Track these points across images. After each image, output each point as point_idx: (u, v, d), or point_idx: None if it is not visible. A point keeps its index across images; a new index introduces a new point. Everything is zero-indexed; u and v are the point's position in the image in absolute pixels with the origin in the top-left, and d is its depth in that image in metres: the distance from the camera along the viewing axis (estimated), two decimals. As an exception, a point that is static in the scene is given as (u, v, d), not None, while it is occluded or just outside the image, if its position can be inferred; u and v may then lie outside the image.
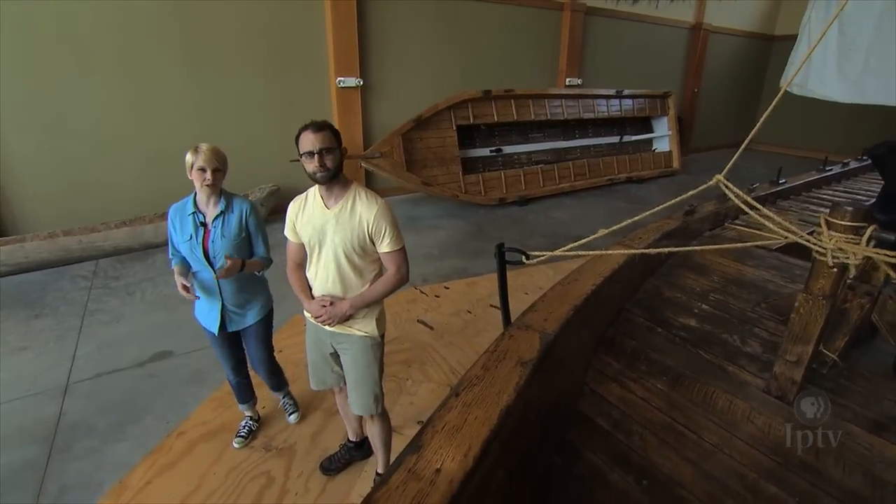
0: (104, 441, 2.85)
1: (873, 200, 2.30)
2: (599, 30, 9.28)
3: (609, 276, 1.89)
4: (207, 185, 2.01)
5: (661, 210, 1.74)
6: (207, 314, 2.25)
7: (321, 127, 1.78)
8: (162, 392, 3.25)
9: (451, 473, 0.96)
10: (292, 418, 2.57)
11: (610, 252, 1.96)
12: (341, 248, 1.82)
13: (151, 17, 5.30)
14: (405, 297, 3.98)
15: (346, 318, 1.89)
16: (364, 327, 1.93)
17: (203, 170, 2.00)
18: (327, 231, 1.83)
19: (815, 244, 1.29)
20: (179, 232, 2.10)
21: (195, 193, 2.10)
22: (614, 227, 1.84)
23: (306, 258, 2.00)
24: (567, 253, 1.77)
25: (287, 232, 2.01)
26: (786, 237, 1.33)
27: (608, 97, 9.27)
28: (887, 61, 3.76)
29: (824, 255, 1.27)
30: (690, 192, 1.62)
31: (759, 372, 1.58)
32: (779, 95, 2.02)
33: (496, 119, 7.77)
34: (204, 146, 2.02)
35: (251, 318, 2.29)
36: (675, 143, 10.08)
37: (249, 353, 2.39)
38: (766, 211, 1.39)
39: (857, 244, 1.23)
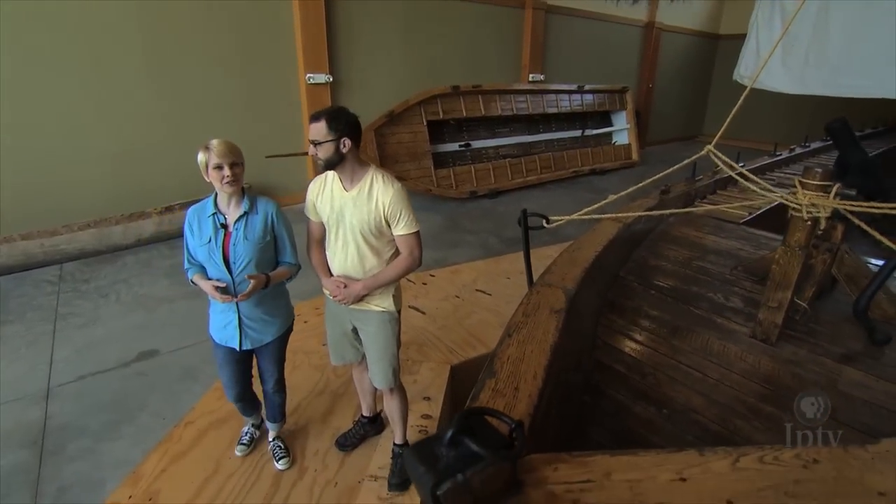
0: (98, 441, 2.81)
1: None
2: (560, 27, 9.60)
3: (606, 245, 2.06)
4: (228, 183, 1.82)
5: (672, 172, 1.92)
6: (223, 328, 2.04)
7: (317, 117, 1.83)
8: (154, 390, 3.22)
9: (528, 390, 1.11)
10: (281, 464, 2.24)
11: (621, 215, 2.14)
12: (359, 230, 1.91)
13: (113, 14, 5.15)
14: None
15: (360, 298, 1.97)
16: (381, 303, 2.02)
17: (220, 167, 1.80)
18: (345, 213, 1.91)
19: (792, 202, 1.48)
20: (197, 235, 1.92)
21: (215, 194, 1.93)
22: (630, 189, 2.01)
23: (325, 236, 2.07)
24: (583, 216, 1.93)
25: (307, 212, 2.07)
26: (770, 198, 1.53)
27: (570, 92, 9.61)
28: (824, 55, 4.15)
29: (800, 211, 1.47)
30: (686, 161, 1.80)
31: (744, 322, 1.79)
32: (745, 92, 2.22)
33: (465, 114, 7.93)
34: (215, 141, 1.82)
35: (270, 334, 2.08)
36: (634, 136, 10.54)
37: (261, 369, 2.20)
38: (751, 176, 1.59)
39: (826, 199, 1.43)
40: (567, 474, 0.84)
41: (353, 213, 1.89)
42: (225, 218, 1.91)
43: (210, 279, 1.92)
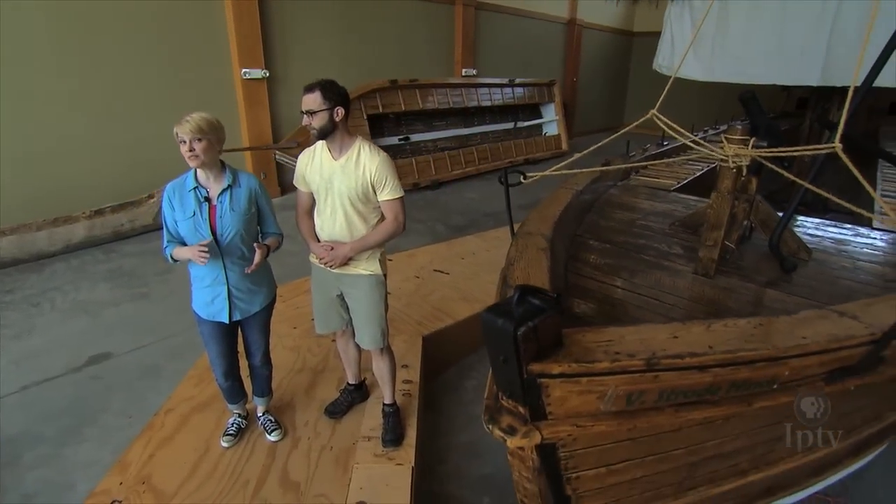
0: (58, 446, 2.70)
1: None
2: (489, 23, 9.96)
3: (565, 207, 2.31)
4: (190, 158, 1.84)
5: (620, 135, 2.20)
6: (211, 303, 2.04)
7: (310, 88, 1.94)
8: (114, 391, 3.11)
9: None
10: (274, 436, 2.29)
11: (586, 170, 2.40)
12: (347, 196, 2.01)
13: (24, 5, 4.78)
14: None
15: (347, 260, 2.07)
16: (369, 267, 2.13)
17: (183, 142, 1.82)
18: (334, 181, 2.01)
19: (720, 154, 1.79)
20: (179, 209, 1.91)
21: (195, 169, 1.94)
22: (592, 148, 2.29)
23: (313, 206, 2.16)
24: (555, 173, 2.16)
25: (297, 182, 2.15)
26: (706, 152, 1.84)
27: (501, 86, 10.00)
28: (727, 47, 4.72)
29: (727, 161, 1.78)
30: (633, 124, 2.09)
31: (686, 263, 2.10)
32: (669, 83, 2.54)
33: (403, 108, 8.06)
34: (191, 115, 1.83)
35: (257, 304, 2.13)
36: (563, 127, 11.14)
37: (248, 342, 2.23)
38: (691, 136, 1.90)
39: (746, 150, 1.75)
40: (593, 338, 1.10)
41: (342, 180, 1.99)
42: (207, 192, 1.94)
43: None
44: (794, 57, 4.26)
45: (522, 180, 2.23)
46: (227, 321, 2.06)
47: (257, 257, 1.93)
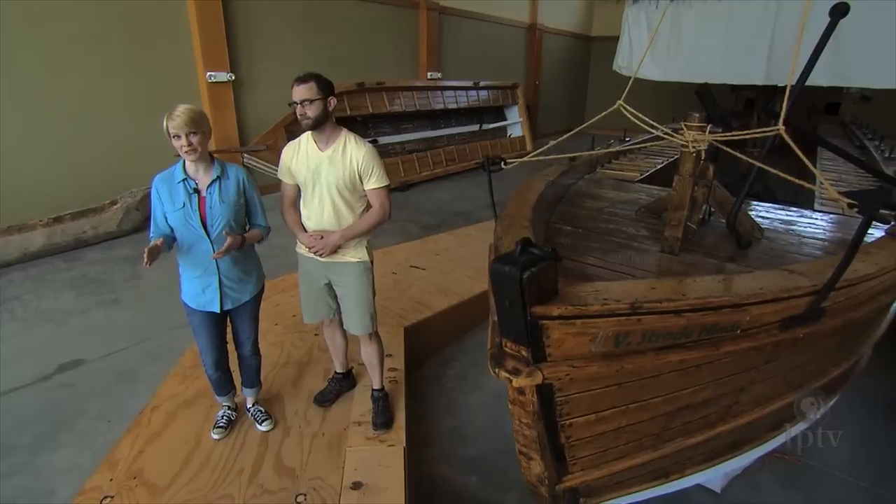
0: (34, 454, 2.63)
1: None
2: (453, 27, 10.12)
3: (539, 195, 2.44)
4: (187, 152, 1.86)
5: (592, 122, 2.36)
6: (202, 293, 2.06)
7: (304, 79, 1.99)
8: (89, 397, 3.05)
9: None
10: (265, 426, 2.32)
11: (562, 156, 2.53)
12: (334, 186, 2.07)
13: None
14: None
15: (336, 248, 2.13)
16: (356, 254, 2.19)
17: (178, 136, 1.83)
18: (321, 171, 2.07)
19: (681, 139, 1.96)
20: (168, 201, 1.93)
21: (183, 161, 1.96)
22: (569, 133, 2.55)
23: (299, 198, 2.20)
24: (532, 158, 2.29)
25: (281, 175, 2.19)
26: (669, 140, 2.00)
27: (466, 88, 10.17)
28: (680, 48, 5.00)
29: (687, 146, 1.95)
30: (602, 114, 2.24)
31: (652, 244, 2.26)
32: (630, 83, 2.72)
33: (370, 110, 8.10)
34: (178, 109, 1.84)
35: (247, 293, 2.15)
36: (527, 129, 11.41)
37: (238, 332, 2.25)
38: (655, 125, 2.06)
39: (703, 135, 1.92)
40: (584, 288, 1.24)
41: (329, 170, 2.06)
42: (196, 183, 1.97)
43: (175, 244, 1.97)
44: (740, 57, 4.56)
45: (504, 166, 2.35)
46: (218, 310, 2.09)
47: (226, 243, 1.91)
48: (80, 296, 4.33)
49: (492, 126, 10.92)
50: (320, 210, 2.11)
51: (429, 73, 9.73)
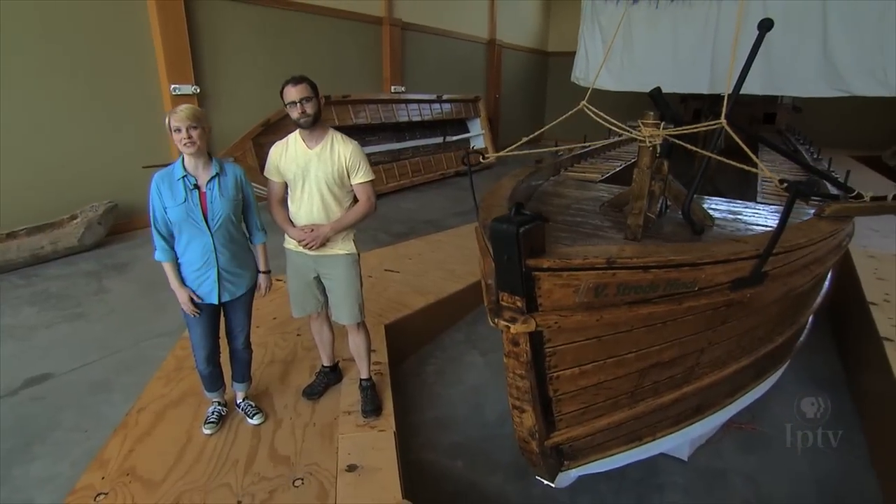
0: (6, 467, 2.56)
1: None
2: (415, 42, 10.36)
3: (511, 191, 2.61)
4: (185, 145, 1.95)
5: (560, 121, 2.55)
6: (202, 285, 2.13)
7: (298, 80, 2.13)
8: (61, 409, 2.98)
9: None
10: (256, 419, 2.37)
11: (533, 151, 2.71)
12: (324, 181, 2.18)
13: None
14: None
15: (326, 241, 2.22)
16: (345, 247, 2.30)
17: (178, 130, 1.94)
18: (310, 168, 2.18)
19: (639, 135, 2.18)
20: (169, 197, 2.01)
21: (182, 159, 2.05)
22: (543, 128, 2.75)
23: (285, 196, 2.30)
24: (509, 153, 2.45)
25: (269, 173, 2.27)
26: (629, 133, 2.22)
27: (430, 101, 10.40)
28: (633, 60, 5.38)
29: (644, 141, 2.17)
30: (567, 114, 2.44)
31: (616, 233, 2.46)
32: (588, 93, 2.95)
33: (336, 123, 8.17)
34: (181, 106, 1.98)
35: (243, 286, 2.24)
36: (489, 141, 11.73)
37: (232, 324, 2.31)
38: (616, 122, 2.28)
39: (658, 131, 2.15)
40: (566, 250, 1.41)
41: (318, 166, 2.17)
42: (195, 180, 2.04)
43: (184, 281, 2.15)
44: (686, 68, 4.95)
45: (482, 160, 2.50)
46: (216, 302, 2.16)
47: (264, 283, 2.28)
48: (43, 311, 4.19)
49: (455, 138, 11.17)
50: (310, 205, 2.21)
51: (392, 87, 9.91)
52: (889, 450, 2.40)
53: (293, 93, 2.11)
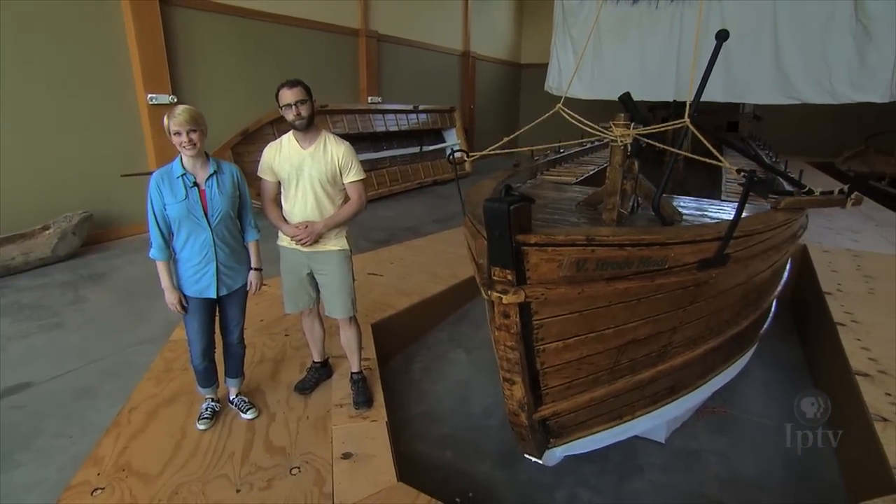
0: (-10, 474, 2.53)
1: None
2: (391, 54, 10.53)
3: (493, 190, 2.75)
4: (185, 148, 2.03)
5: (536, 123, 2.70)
6: (200, 279, 2.20)
7: (294, 84, 2.23)
8: (44, 416, 2.94)
9: None
10: (249, 414, 2.41)
11: (515, 150, 2.84)
12: (317, 180, 2.27)
13: None
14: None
15: (319, 237, 2.31)
16: (337, 243, 2.39)
17: (178, 133, 2.01)
18: (304, 167, 2.27)
19: (610, 135, 2.34)
20: (169, 194, 2.08)
21: (180, 158, 2.12)
22: (527, 126, 2.90)
23: (278, 194, 2.39)
24: (492, 153, 2.59)
25: (262, 173, 2.36)
26: (602, 133, 2.38)
27: (407, 112, 10.56)
28: (603, 70, 5.64)
29: (616, 141, 2.33)
30: (543, 116, 2.60)
31: (594, 226, 2.62)
32: (559, 105, 3.13)
33: (315, 133, 8.23)
34: (179, 108, 2.04)
35: (240, 279, 2.32)
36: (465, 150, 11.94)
37: (228, 319, 2.37)
38: (589, 123, 2.44)
39: (628, 131, 2.32)
40: (550, 230, 1.53)
41: (312, 166, 2.26)
42: (194, 178, 2.13)
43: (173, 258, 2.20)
44: (653, 78, 5.23)
45: (466, 158, 2.63)
46: (214, 296, 2.22)
47: (255, 280, 2.34)
48: (17, 322, 4.11)
49: (431, 148, 11.33)
50: (304, 203, 2.30)
51: (369, 98, 10.03)
52: (845, 424, 2.60)
53: (289, 95, 2.21)
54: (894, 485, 1.88)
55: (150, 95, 6.11)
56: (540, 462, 2.01)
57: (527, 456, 2.02)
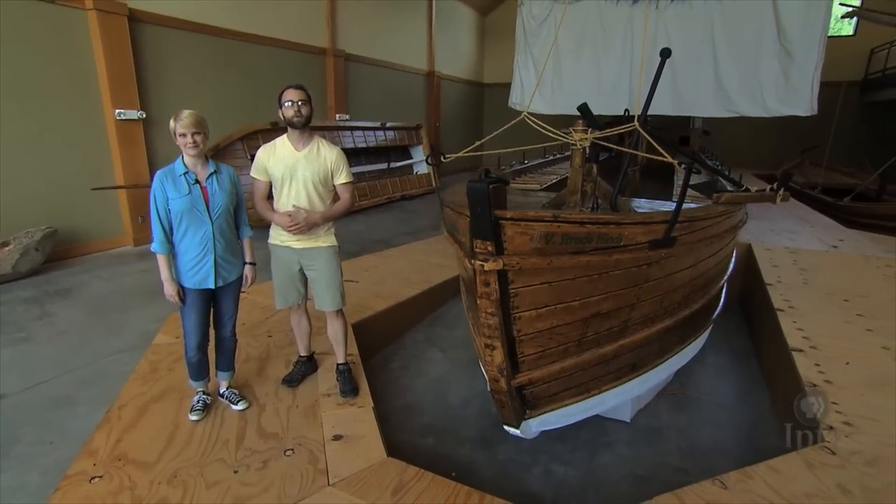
0: (-30, 482, 2.51)
1: None
2: (358, 73, 10.78)
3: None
4: (190, 148, 2.20)
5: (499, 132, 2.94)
6: (199, 271, 2.31)
7: (297, 86, 2.45)
8: (20, 425, 2.93)
9: None
10: (240, 405, 2.50)
11: (487, 152, 3.07)
12: (310, 180, 2.44)
13: None
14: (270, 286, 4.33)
15: (311, 227, 2.47)
16: (327, 240, 2.56)
17: (184, 135, 2.18)
18: (297, 168, 2.43)
19: (571, 140, 2.61)
20: (173, 190, 2.22)
21: (181, 157, 2.28)
22: (497, 132, 3.18)
23: (269, 194, 2.53)
24: (466, 154, 2.80)
25: (255, 173, 2.49)
26: (563, 138, 2.65)
27: (375, 129, 10.77)
28: (562, 86, 6.04)
29: (575, 144, 2.60)
30: (509, 124, 2.86)
31: None
32: (524, 113, 3.43)
33: (284, 149, 8.32)
34: (184, 112, 2.20)
35: (235, 272, 2.45)
36: (432, 167, 12.23)
37: (222, 311, 2.47)
38: (553, 129, 2.71)
39: (586, 136, 2.59)
40: (522, 211, 1.72)
41: (306, 167, 2.43)
42: (195, 176, 2.28)
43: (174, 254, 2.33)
44: (609, 94, 5.65)
45: (443, 160, 2.84)
46: (212, 286, 2.35)
47: (250, 274, 2.50)
48: (-17, 337, 4.02)
49: (399, 164, 11.56)
50: (296, 202, 2.46)
51: (337, 115, 10.21)
52: (782, 395, 2.91)
53: (293, 94, 2.40)
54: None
55: (117, 111, 6.10)
56: (518, 433, 2.19)
57: (506, 428, 2.20)
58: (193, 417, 2.40)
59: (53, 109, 5.67)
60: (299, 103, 2.41)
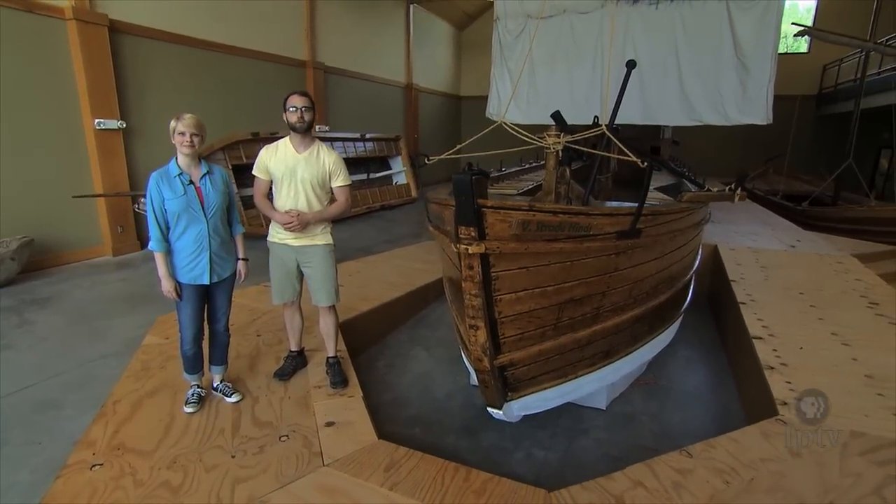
0: (-42, 483, 2.53)
1: None
2: (337, 84, 10.94)
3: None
4: (186, 146, 2.32)
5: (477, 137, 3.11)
6: (195, 267, 2.41)
7: (302, 93, 2.58)
8: (7, 428, 2.94)
9: None
10: (234, 398, 2.58)
11: (468, 154, 3.24)
12: (309, 182, 2.57)
13: None
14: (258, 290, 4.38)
15: (308, 226, 2.59)
16: (323, 238, 2.70)
17: (183, 134, 2.31)
18: (297, 170, 2.57)
19: (545, 143, 2.81)
20: (169, 190, 2.33)
21: (175, 159, 2.39)
22: (477, 135, 3.20)
23: (269, 192, 2.66)
24: (450, 156, 2.96)
25: (257, 171, 2.64)
26: (538, 142, 2.84)
27: (354, 140, 10.92)
28: (537, 97, 6.30)
29: (549, 148, 2.80)
30: (486, 130, 3.05)
31: None
32: (501, 119, 3.63)
33: (265, 159, 8.38)
34: (188, 115, 2.34)
35: (229, 269, 2.55)
36: (411, 177, 12.39)
37: (216, 307, 2.57)
38: (528, 135, 2.91)
39: (559, 140, 2.80)
40: (501, 201, 1.88)
41: (305, 169, 2.57)
42: (189, 176, 2.38)
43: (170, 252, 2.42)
44: (581, 105, 5.92)
45: (427, 162, 3.01)
46: (207, 282, 2.44)
47: (244, 269, 2.60)
48: (-38, 346, 3.98)
49: (378, 175, 11.70)
50: (295, 201, 2.60)
51: (317, 127, 10.32)
52: (746, 382, 3.13)
53: (298, 100, 2.54)
54: (775, 410, 2.39)
55: (97, 120, 6.11)
56: (502, 416, 2.34)
57: (490, 410, 2.35)
58: (189, 410, 2.47)
59: (31, 119, 5.65)
60: (303, 109, 2.55)
